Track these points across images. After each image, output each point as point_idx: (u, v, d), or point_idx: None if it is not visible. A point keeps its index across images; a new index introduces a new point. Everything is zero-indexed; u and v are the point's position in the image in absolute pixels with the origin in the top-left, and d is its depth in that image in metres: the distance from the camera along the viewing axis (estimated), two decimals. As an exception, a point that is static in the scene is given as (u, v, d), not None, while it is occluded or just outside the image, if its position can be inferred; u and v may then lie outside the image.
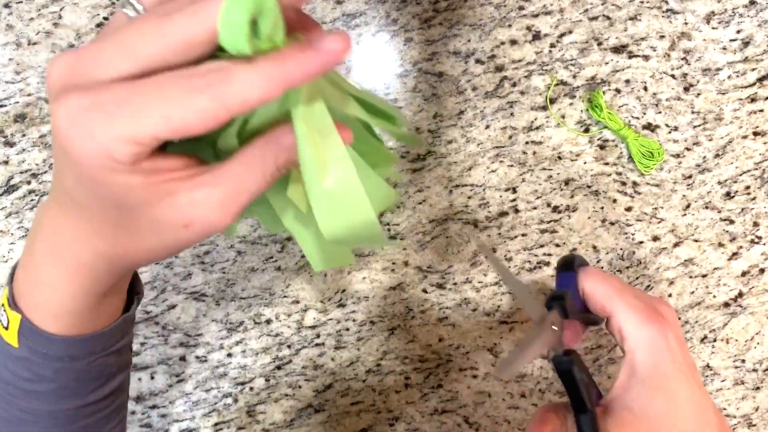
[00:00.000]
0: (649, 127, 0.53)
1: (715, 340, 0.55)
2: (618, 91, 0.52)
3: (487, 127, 0.52)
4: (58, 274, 0.28)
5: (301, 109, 0.25)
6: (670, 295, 0.54)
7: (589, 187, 0.53)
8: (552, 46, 0.52)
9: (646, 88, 0.53)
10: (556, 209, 0.53)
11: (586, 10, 0.52)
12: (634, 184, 0.53)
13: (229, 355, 0.53)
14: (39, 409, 0.32)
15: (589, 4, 0.52)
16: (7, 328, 0.30)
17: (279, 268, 0.52)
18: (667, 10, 0.52)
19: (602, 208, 0.53)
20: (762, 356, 0.55)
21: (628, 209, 0.53)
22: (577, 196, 0.53)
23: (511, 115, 0.52)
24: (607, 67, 0.52)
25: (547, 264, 0.53)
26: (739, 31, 0.52)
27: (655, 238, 0.54)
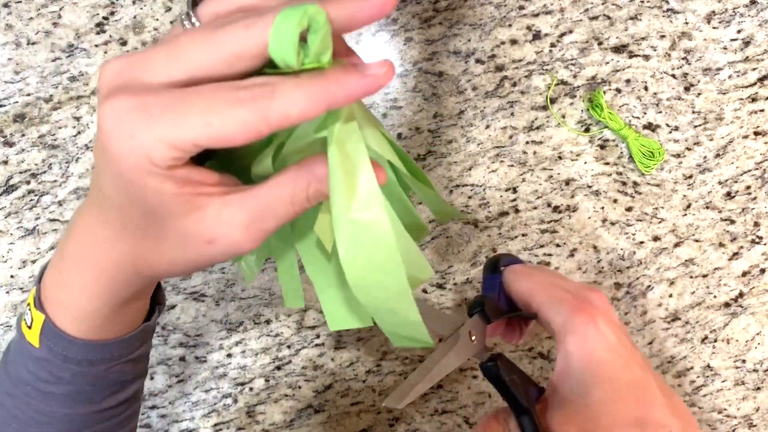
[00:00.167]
0: (650, 126, 0.53)
1: (715, 341, 0.55)
2: (618, 90, 0.52)
3: (488, 126, 0.52)
4: (83, 276, 0.28)
5: (336, 136, 0.24)
6: (671, 296, 0.54)
7: (590, 187, 0.53)
8: (552, 45, 0.52)
9: (646, 88, 0.52)
10: (556, 209, 0.53)
11: (587, 10, 0.52)
12: (635, 184, 0.53)
13: (229, 356, 0.53)
14: (55, 411, 0.32)
15: (590, 4, 0.52)
16: (30, 327, 0.30)
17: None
18: (668, 10, 0.52)
19: (603, 208, 0.53)
20: (763, 356, 0.55)
21: (629, 209, 0.53)
22: (578, 196, 0.53)
23: (512, 114, 0.52)
24: (608, 67, 0.52)
25: (548, 264, 0.53)
26: (739, 31, 0.52)
27: (656, 238, 0.54)
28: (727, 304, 0.54)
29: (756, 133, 0.53)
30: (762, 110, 0.53)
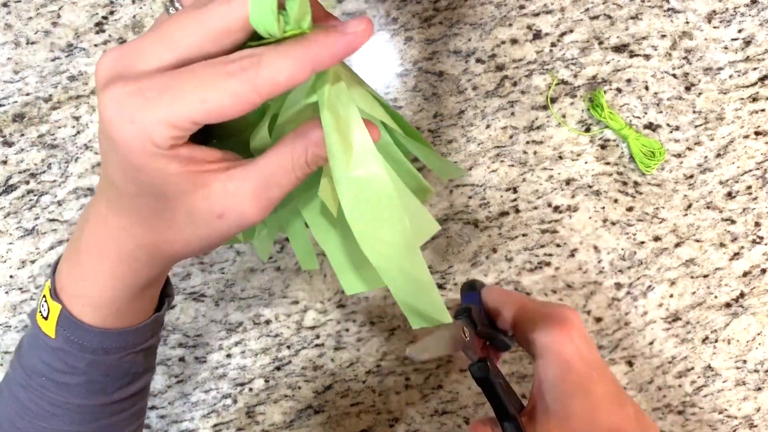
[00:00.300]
0: (651, 126, 0.53)
1: (716, 341, 0.54)
2: (619, 90, 0.52)
3: (488, 126, 0.52)
4: (100, 264, 0.29)
5: (326, 98, 0.25)
6: (672, 296, 0.54)
7: (590, 187, 0.53)
8: (553, 45, 0.52)
9: (647, 88, 0.52)
10: (557, 209, 0.53)
11: (587, 9, 0.52)
12: (636, 184, 0.53)
13: (229, 356, 0.53)
14: (68, 402, 0.33)
15: (590, 3, 0.52)
16: (46, 318, 0.31)
17: (278, 269, 0.52)
18: (669, 10, 0.52)
19: (603, 208, 0.53)
20: (763, 357, 0.55)
21: (630, 209, 0.53)
22: (578, 196, 0.53)
23: (512, 114, 0.52)
24: (608, 67, 0.52)
25: (548, 264, 0.53)
26: (740, 31, 0.52)
27: (657, 238, 0.53)
28: (728, 305, 0.54)
29: (757, 133, 0.53)
30: (763, 110, 0.53)
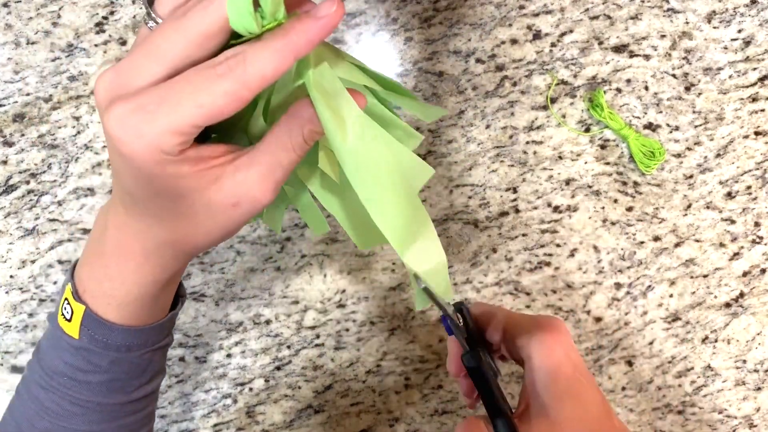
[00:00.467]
0: (650, 126, 0.53)
1: (716, 341, 0.54)
2: (619, 90, 0.52)
3: (488, 126, 0.52)
4: (126, 264, 0.31)
5: (312, 79, 0.27)
6: (672, 296, 0.54)
7: (590, 187, 0.53)
8: (553, 45, 0.52)
9: (647, 88, 0.52)
10: (556, 209, 0.53)
11: (587, 10, 0.52)
12: (635, 184, 0.53)
13: (229, 356, 0.53)
14: (89, 401, 0.34)
15: (590, 4, 0.52)
16: (69, 320, 0.33)
17: (279, 269, 0.52)
18: (668, 10, 0.52)
19: (603, 208, 0.53)
20: (763, 357, 0.55)
21: (629, 209, 0.53)
22: (578, 196, 0.53)
23: (512, 114, 0.52)
24: (608, 67, 0.52)
25: (548, 264, 0.53)
26: (740, 31, 0.52)
27: (656, 238, 0.54)
28: (728, 305, 0.54)
29: (756, 133, 0.53)
30: (762, 110, 0.53)
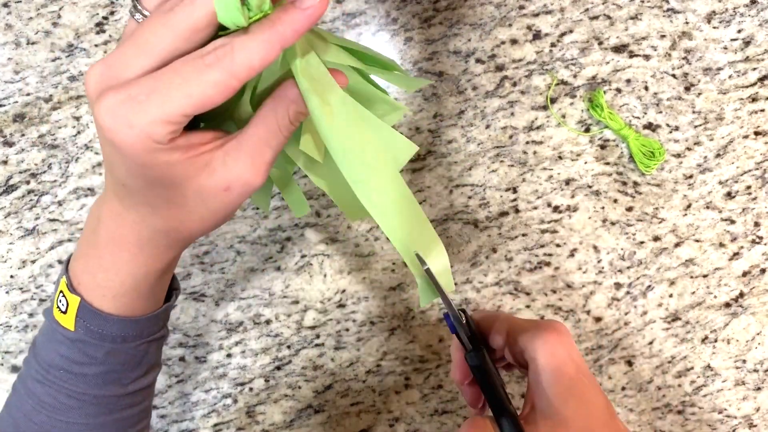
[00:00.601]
0: (650, 126, 0.53)
1: (716, 341, 0.55)
2: (619, 90, 0.52)
3: (488, 126, 0.52)
4: (121, 254, 0.31)
5: (299, 66, 0.28)
6: (671, 296, 0.54)
7: (590, 187, 0.53)
8: (552, 45, 0.52)
9: (646, 88, 0.52)
10: (556, 209, 0.53)
11: (587, 10, 0.52)
12: (635, 184, 0.53)
13: (229, 356, 0.53)
14: (86, 393, 0.34)
15: (590, 4, 0.52)
16: (65, 312, 0.33)
17: (279, 269, 0.52)
18: (668, 10, 0.52)
19: (603, 208, 0.53)
20: (763, 356, 0.55)
21: (629, 209, 0.53)
22: (578, 196, 0.53)
23: (512, 114, 0.52)
24: (608, 67, 0.52)
25: (548, 264, 0.53)
26: (740, 31, 0.52)
27: (656, 238, 0.54)
28: (728, 304, 0.54)
29: (756, 133, 0.53)
30: (762, 110, 0.53)
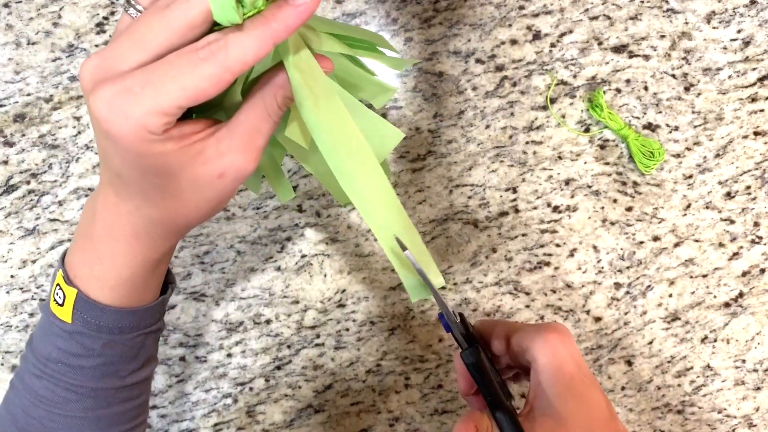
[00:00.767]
0: (650, 126, 0.53)
1: (715, 341, 0.55)
2: (618, 90, 0.52)
3: (488, 126, 0.52)
4: (117, 245, 0.32)
5: (291, 59, 0.28)
6: (671, 296, 0.54)
7: (590, 187, 0.53)
8: (552, 45, 0.52)
9: (646, 88, 0.53)
10: (556, 209, 0.53)
11: (587, 10, 0.52)
12: (635, 184, 0.53)
13: (229, 356, 0.53)
14: (83, 386, 0.34)
15: (590, 4, 0.52)
16: (62, 305, 0.33)
17: (279, 268, 0.52)
18: (668, 10, 0.52)
19: (602, 208, 0.53)
20: (762, 356, 0.55)
21: (629, 209, 0.53)
22: (578, 196, 0.53)
23: (512, 114, 0.52)
24: (608, 67, 0.52)
25: (548, 264, 0.53)
26: (739, 31, 0.52)
27: (656, 238, 0.54)
28: (727, 304, 0.54)
29: (756, 133, 0.53)
30: (762, 110, 0.53)
